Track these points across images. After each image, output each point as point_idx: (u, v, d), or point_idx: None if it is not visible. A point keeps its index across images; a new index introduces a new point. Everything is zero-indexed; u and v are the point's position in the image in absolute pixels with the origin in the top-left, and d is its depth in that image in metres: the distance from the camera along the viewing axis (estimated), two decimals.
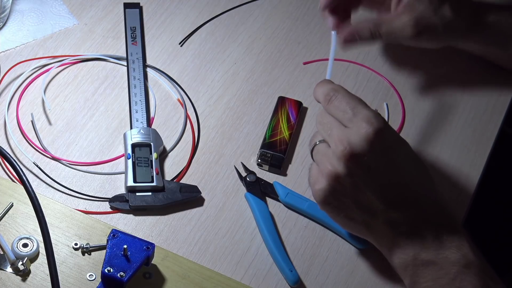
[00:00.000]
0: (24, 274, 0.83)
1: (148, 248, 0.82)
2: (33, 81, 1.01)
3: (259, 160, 0.95)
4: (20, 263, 0.82)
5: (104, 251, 0.84)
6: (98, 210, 0.90)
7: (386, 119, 1.01)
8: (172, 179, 0.93)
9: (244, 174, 0.94)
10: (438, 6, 0.95)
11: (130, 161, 0.92)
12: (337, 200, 0.80)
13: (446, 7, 0.96)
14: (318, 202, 0.82)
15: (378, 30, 0.95)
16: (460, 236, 0.79)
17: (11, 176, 0.91)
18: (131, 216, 0.90)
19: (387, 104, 1.02)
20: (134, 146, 0.94)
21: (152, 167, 0.92)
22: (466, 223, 0.93)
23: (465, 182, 0.96)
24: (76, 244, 0.85)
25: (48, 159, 0.94)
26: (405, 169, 0.79)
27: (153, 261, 0.84)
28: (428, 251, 0.78)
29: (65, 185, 0.91)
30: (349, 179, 0.78)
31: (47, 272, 0.76)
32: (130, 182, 0.91)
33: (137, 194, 0.90)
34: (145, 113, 0.98)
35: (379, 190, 0.78)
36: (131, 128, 0.97)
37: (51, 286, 0.76)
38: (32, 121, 0.96)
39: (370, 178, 0.78)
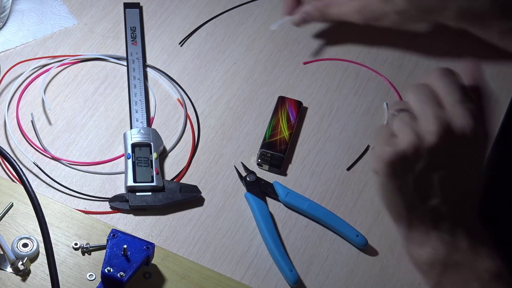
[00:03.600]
0: (24, 274, 0.83)
1: (148, 248, 0.82)
2: (33, 81, 1.01)
3: (259, 160, 0.95)
4: (20, 263, 0.82)
5: (104, 251, 0.84)
6: (98, 210, 0.90)
7: (386, 119, 1.01)
8: (172, 179, 0.93)
9: (244, 174, 0.94)
10: None
11: (130, 161, 0.92)
12: (402, 168, 0.76)
13: None
14: (383, 160, 0.76)
15: (327, 12, 1.04)
16: (492, 246, 0.78)
17: (11, 176, 0.91)
18: (131, 216, 0.90)
19: (387, 104, 1.02)
20: (134, 146, 0.94)
21: (152, 167, 0.92)
22: None
23: None
24: (76, 244, 0.85)
25: (48, 159, 0.94)
26: (473, 171, 0.78)
27: (153, 261, 0.84)
28: (461, 253, 0.77)
29: (65, 185, 0.91)
30: (427, 156, 0.76)
31: (47, 272, 0.76)
32: (130, 182, 0.91)
33: (137, 194, 0.90)
34: (145, 113, 0.98)
35: (445, 180, 0.76)
36: (131, 128, 0.97)
37: (51, 286, 0.76)
38: (32, 121, 0.96)
39: (445, 164, 0.76)
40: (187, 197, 0.91)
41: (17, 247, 0.84)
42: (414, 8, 1.02)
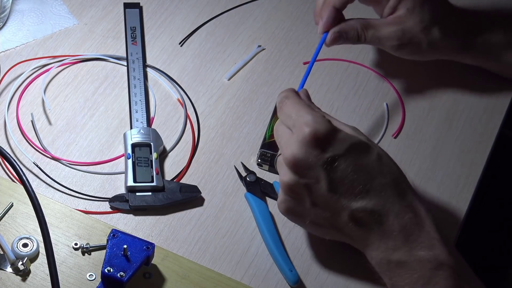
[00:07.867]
0: (24, 274, 0.83)
1: (148, 248, 0.82)
2: (33, 81, 1.01)
3: (259, 160, 0.95)
4: (20, 263, 0.82)
5: (104, 251, 0.84)
6: (98, 210, 0.90)
7: (386, 119, 1.01)
8: (172, 179, 0.93)
9: (244, 174, 0.94)
10: (428, 25, 0.97)
11: (130, 161, 0.92)
12: (297, 207, 0.81)
13: (435, 28, 0.97)
14: (282, 213, 0.84)
15: (364, 33, 0.97)
16: (432, 234, 0.77)
17: (11, 176, 0.91)
18: (131, 216, 0.90)
19: (387, 104, 1.02)
20: (134, 146, 0.94)
21: (152, 167, 0.92)
22: (465, 224, 0.93)
23: (465, 183, 0.96)
24: (76, 244, 0.85)
25: (48, 159, 0.94)
26: (359, 166, 0.78)
27: (153, 261, 0.84)
28: (400, 251, 0.77)
29: (65, 185, 0.91)
30: (300, 185, 0.79)
31: (47, 272, 0.76)
32: (130, 182, 0.91)
33: (137, 194, 0.90)
34: (145, 113, 0.98)
35: (329, 188, 0.78)
36: (131, 128, 0.97)
37: (51, 286, 0.76)
38: (32, 121, 0.96)
39: (316, 180, 0.78)
40: (187, 197, 0.91)
41: (17, 247, 0.84)
42: (449, 42, 0.99)
